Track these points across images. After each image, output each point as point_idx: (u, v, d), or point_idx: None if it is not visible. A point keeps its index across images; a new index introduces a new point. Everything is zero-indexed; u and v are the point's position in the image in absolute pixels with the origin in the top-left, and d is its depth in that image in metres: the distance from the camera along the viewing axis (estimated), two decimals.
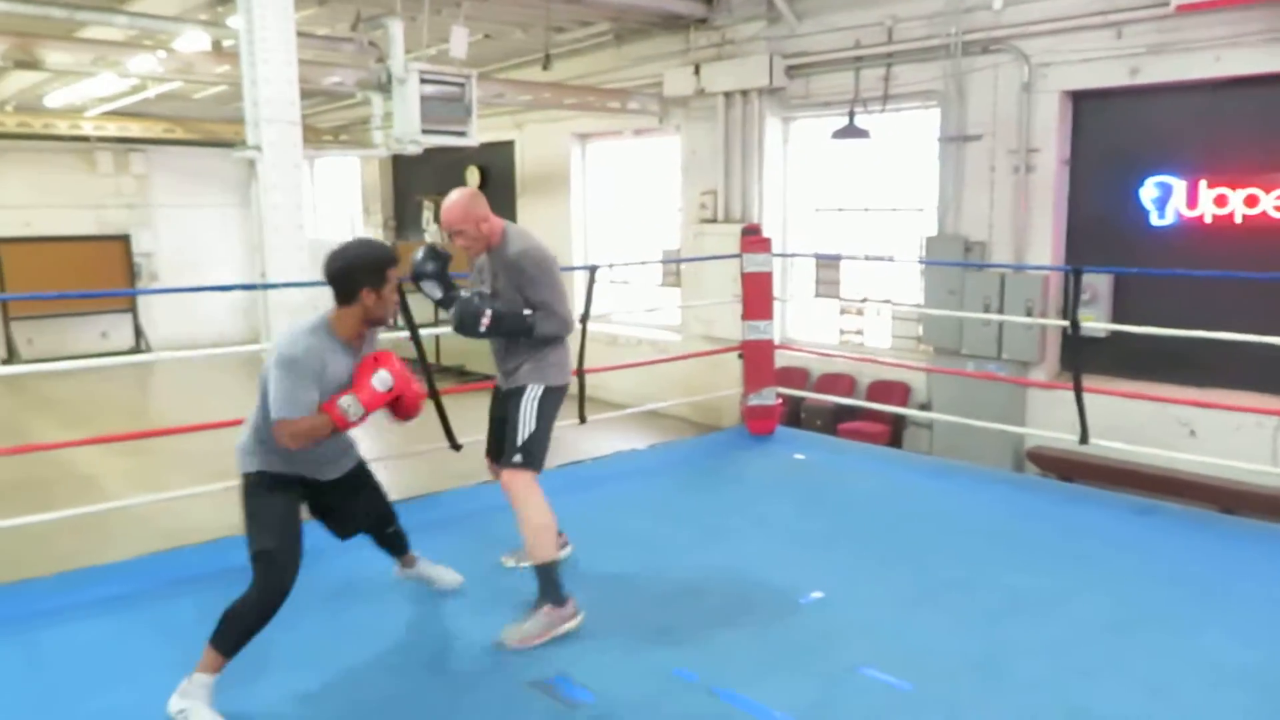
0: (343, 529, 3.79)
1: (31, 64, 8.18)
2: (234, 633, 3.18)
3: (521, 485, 3.80)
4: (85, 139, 15.55)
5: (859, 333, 10.58)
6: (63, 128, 14.91)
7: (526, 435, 3.84)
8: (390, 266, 3.39)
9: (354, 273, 3.32)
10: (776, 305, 6.93)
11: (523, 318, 3.85)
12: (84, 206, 16.85)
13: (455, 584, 4.14)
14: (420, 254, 4.00)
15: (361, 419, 3.33)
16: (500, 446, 4.01)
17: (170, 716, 3.12)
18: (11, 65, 8.26)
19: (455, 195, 3.89)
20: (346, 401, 3.26)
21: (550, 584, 3.73)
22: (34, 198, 16.25)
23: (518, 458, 3.83)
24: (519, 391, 3.93)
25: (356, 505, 3.75)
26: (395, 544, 4.02)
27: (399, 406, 3.49)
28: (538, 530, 3.74)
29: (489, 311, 3.81)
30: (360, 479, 3.76)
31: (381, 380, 3.32)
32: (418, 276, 3.98)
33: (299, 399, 3.21)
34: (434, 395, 5.05)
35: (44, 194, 16.37)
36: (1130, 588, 4.26)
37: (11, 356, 15.68)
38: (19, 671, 3.58)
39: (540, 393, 3.91)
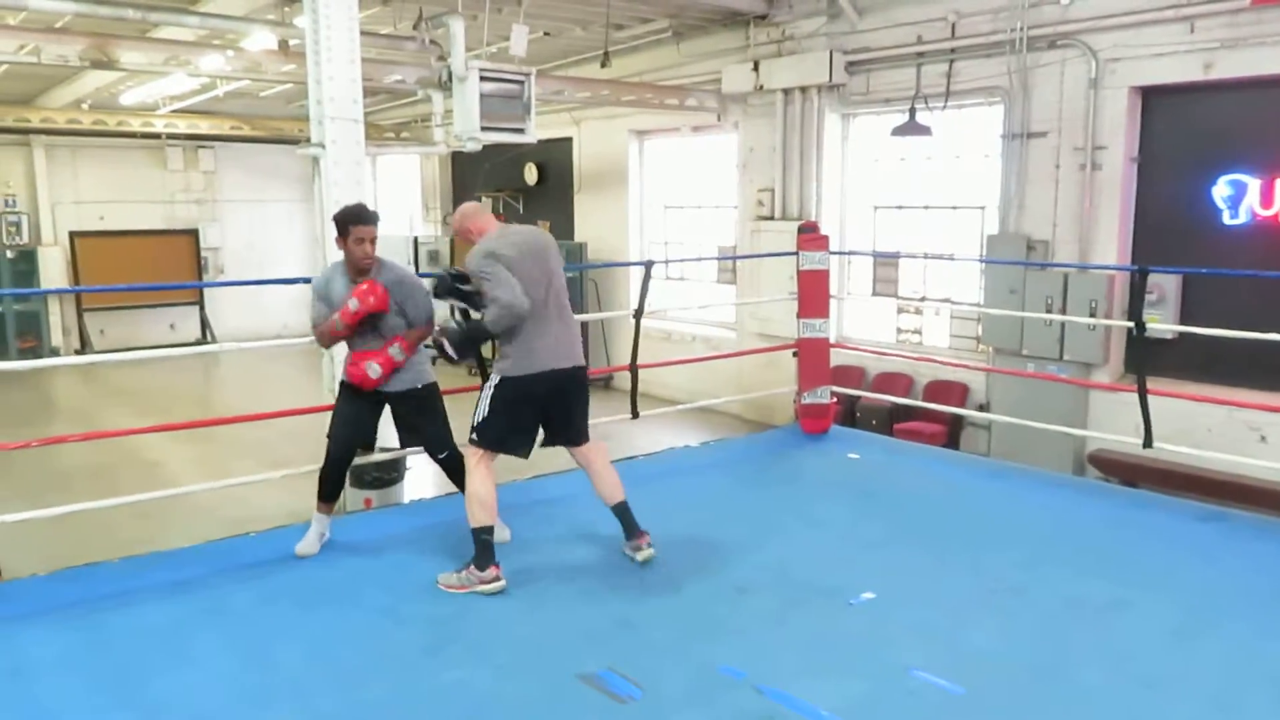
0: (403, 435, 4.78)
1: (107, 64, 8.43)
2: (320, 484, 4.62)
3: (467, 458, 4.32)
4: (157, 136, 16.01)
5: (917, 332, 10.43)
6: (135, 125, 15.38)
7: (479, 419, 4.30)
8: (352, 224, 4.40)
9: (334, 224, 4.48)
10: (833, 303, 6.87)
11: (479, 325, 4.26)
12: (155, 202, 17.33)
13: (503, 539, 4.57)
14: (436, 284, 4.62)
15: (348, 329, 4.45)
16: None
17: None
18: (88, 65, 8.50)
19: (461, 206, 4.62)
20: (335, 317, 4.46)
21: (478, 547, 4.16)
22: (107, 193, 16.77)
23: (471, 435, 4.31)
24: (486, 379, 4.42)
25: (414, 419, 4.68)
26: (459, 479, 4.59)
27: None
28: (470, 499, 4.23)
29: (445, 342, 4.30)
30: (426, 400, 4.66)
31: (353, 304, 4.41)
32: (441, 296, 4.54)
33: (313, 309, 4.57)
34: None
35: (117, 189, 16.88)
36: (1194, 595, 4.15)
37: (84, 347, 16.17)
38: (85, 653, 3.69)
39: (496, 381, 4.30)
